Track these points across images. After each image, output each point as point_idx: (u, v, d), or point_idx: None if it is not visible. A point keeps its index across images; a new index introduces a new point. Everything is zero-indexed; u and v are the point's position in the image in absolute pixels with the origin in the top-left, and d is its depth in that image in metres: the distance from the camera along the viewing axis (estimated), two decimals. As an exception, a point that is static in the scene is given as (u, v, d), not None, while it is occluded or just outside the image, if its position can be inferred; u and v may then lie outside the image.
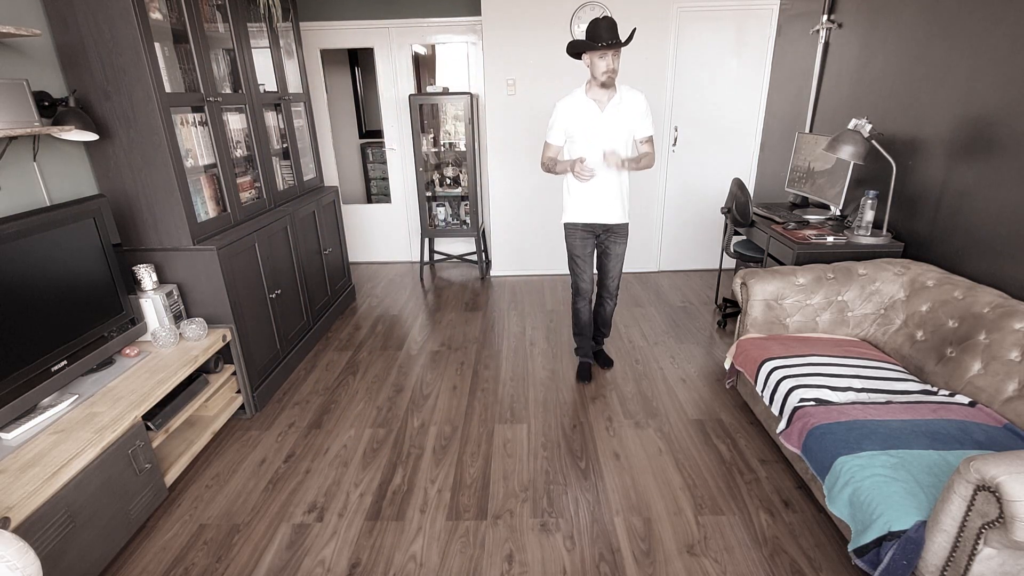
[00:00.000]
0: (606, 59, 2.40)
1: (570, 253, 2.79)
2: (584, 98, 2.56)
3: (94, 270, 2.08)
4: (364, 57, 5.54)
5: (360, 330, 3.64)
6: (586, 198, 2.67)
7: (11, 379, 1.73)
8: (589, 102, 2.55)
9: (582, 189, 2.66)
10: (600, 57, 2.41)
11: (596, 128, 2.56)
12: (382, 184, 5.80)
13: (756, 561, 1.79)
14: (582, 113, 2.56)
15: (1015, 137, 2.09)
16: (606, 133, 2.56)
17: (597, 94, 2.55)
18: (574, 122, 2.57)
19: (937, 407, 1.86)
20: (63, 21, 2.07)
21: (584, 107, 2.56)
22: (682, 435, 2.45)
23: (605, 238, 2.77)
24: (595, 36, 2.38)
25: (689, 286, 4.28)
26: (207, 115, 2.51)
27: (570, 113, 2.58)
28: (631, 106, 2.57)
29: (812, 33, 3.48)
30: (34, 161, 2.07)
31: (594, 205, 2.68)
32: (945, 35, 2.42)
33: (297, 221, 3.20)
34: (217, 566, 1.83)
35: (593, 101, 2.55)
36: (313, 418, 2.65)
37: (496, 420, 2.60)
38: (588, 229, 2.73)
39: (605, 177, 2.62)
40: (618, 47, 2.38)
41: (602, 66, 2.42)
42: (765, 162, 4.22)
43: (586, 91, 2.56)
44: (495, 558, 1.84)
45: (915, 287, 2.32)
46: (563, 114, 2.59)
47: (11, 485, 1.56)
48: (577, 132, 2.58)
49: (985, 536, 1.29)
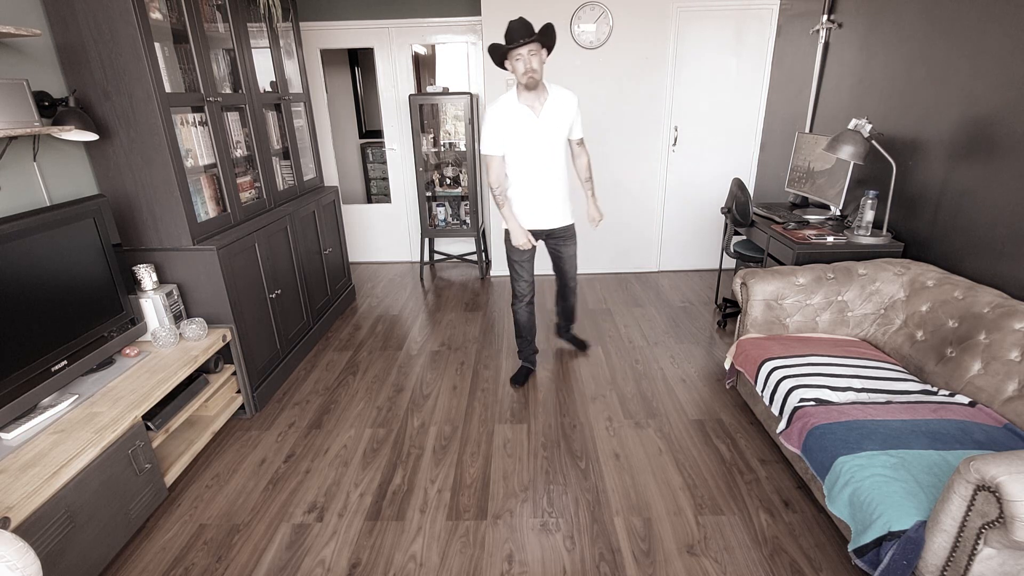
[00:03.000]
0: (523, 59, 2.28)
1: (509, 258, 2.71)
2: (517, 104, 2.42)
3: (94, 270, 2.08)
4: (364, 57, 5.55)
5: (360, 330, 3.64)
6: (528, 204, 2.60)
7: (11, 379, 1.73)
8: (522, 108, 2.42)
9: (523, 194, 2.57)
10: (516, 58, 2.29)
11: (533, 135, 2.45)
12: (382, 184, 5.80)
13: (756, 561, 1.79)
14: (517, 121, 2.43)
15: (1015, 137, 2.09)
16: (544, 140, 2.46)
17: (528, 98, 2.41)
18: (509, 131, 2.44)
19: (937, 407, 1.86)
20: (63, 21, 2.07)
21: (517, 114, 2.42)
22: (682, 435, 2.45)
23: (554, 243, 2.75)
24: (509, 38, 2.27)
25: (689, 286, 4.28)
26: (207, 115, 2.51)
27: (504, 121, 2.43)
28: (565, 106, 2.47)
29: (812, 33, 3.48)
30: (34, 161, 2.07)
31: (536, 210, 2.61)
32: (945, 35, 2.42)
33: (297, 221, 3.20)
34: (217, 566, 1.83)
35: (527, 107, 2.42)
36: (313, 418, 2.65)
37: (496, 420, 2.60)
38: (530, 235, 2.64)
39: (547, 181, 2.55)
40: (529, 44, 2.25)
41: (520, 67, 2.29)
42: (765, 162, 4.22)
43: (517, 97, 2.43)
44: (495, 558, 1.84)
45: (915, 287, 2.32)
46: (497, 122, 2.43)
47: (11, 485, 1.56)
48: (514, 141, 2.46)
49: (985, 536, 1.29)
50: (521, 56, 2.27)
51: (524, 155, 2.49)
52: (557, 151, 2.51)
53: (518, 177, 2.56)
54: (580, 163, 2.73)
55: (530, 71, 2.29)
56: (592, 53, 4.03)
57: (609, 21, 3.93)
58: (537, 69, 2.30)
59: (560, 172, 2.58)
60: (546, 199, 2.59)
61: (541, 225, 2.65)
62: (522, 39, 2.24)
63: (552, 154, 2.51)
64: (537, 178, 2.54)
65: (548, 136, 2.46)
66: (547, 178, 2.54)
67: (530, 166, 2.50)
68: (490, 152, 2.49)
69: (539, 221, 2.64)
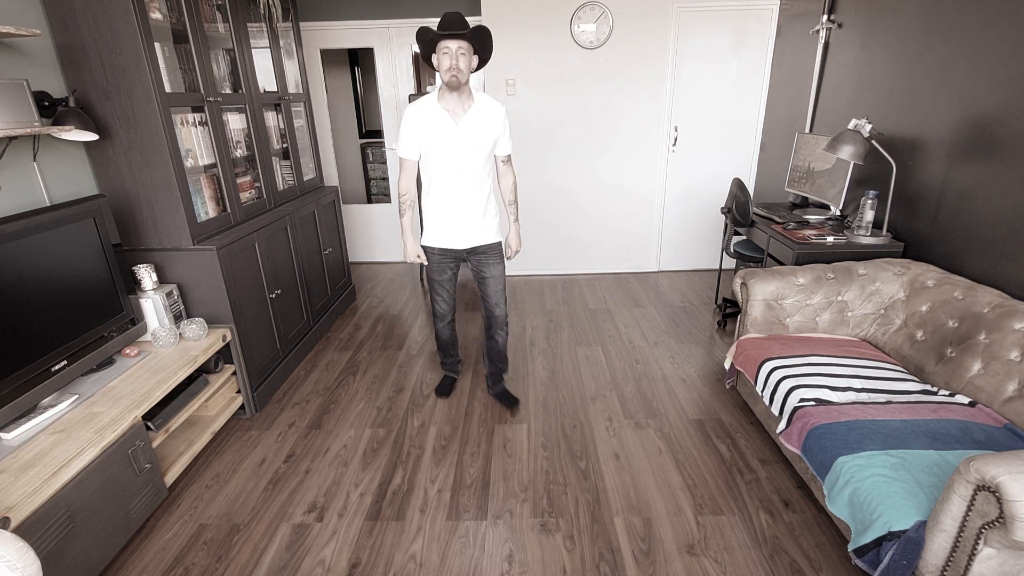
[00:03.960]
0: (450, 54, 2.08)
1: (429, 276, 2.54)
2: (435, 106, 2.20)
3: (94, 270, 2.08)
4: (364, 57, 5.55)
5: (360, 330, 3.64)
6: (443, 220, 2.37)
7: (11, 379, 1.73)
8: (440, 111, 2.20)
9: (438, 207, 2.36)
10: (443, 52, 2.10)
11: (450, 143, 2.23)
12: (382, 184, 5.80)
13: (756, 561, 1.79)
14: (433, 124, 2.21)
15: (1015, 137, 2.09)
16: (461, 150, 2.24)
17: (449, 102, 2.20)
18: (425, 134, 2.23)
19: (937, 407, 1.86)
20: (63, 21, 2.07)
21: (435, 117, 2.21)
22: (682, 435, 2.45)
23: (476, 261, 2.46)
24: (440, 27, 2.10)
25: (689, 286, 4.28)
26: (207, 115, 2.51)
27: (420, 123, 2.22)
28: (490, 119, 2.26)
29: (812, 33, 3.48)
30: (34, 161, 2.07)
31: (452, 228, 2.37)
32: (945, 35, 2.42)
33: (297, 221, 3.20)
34: (217, 566, 1.83)
35: (445, 111, 2.20)
36: (313, 418, 2.65)
37: (496, 420, 2.60)
38: (446, 254, 2.44)
39: (463, 195, 2.32)
40: (459, 40, 2.07)
41: (445, 63, 2.10)
42: (765, 162, 4.22)
43: (438, 98, 2.21)
44: (495, 558, 1.84)
45: (915, 287, 2.32)
46: (413, 123, 2.23)
47: (11, 485, 1.56)
48: (429, 146, 2.25)
49: (985, 536, 1.29)
50: (449, 51, 2.09)
51: (439, 163, 2.27)
52: (477, 164, 2.28)
53: (433, 187, 2.34)
54: (504, 183, 2.48)
55: (454, 69, 2.09)
56: (592, 53, 4.03)
57: (609, 21, 3.93)
58: (463, 70, 2.11)
59: (480, 187, 2.33)
60: (462, 215, 2.34)
61: (455, 244, 2.40)
62: (453, 31, 2.06)
63: (471, 166, 2.27)
64: (453, 191, 2.31)
65: (466, 146, 2.24)
66: (464, 192, 2.31)
67: (445, 176, 2.29)
68: (402, 155, 2.30)
69: (453, 239, 2.39)
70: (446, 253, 2.45)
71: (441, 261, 2.47)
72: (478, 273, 2.50)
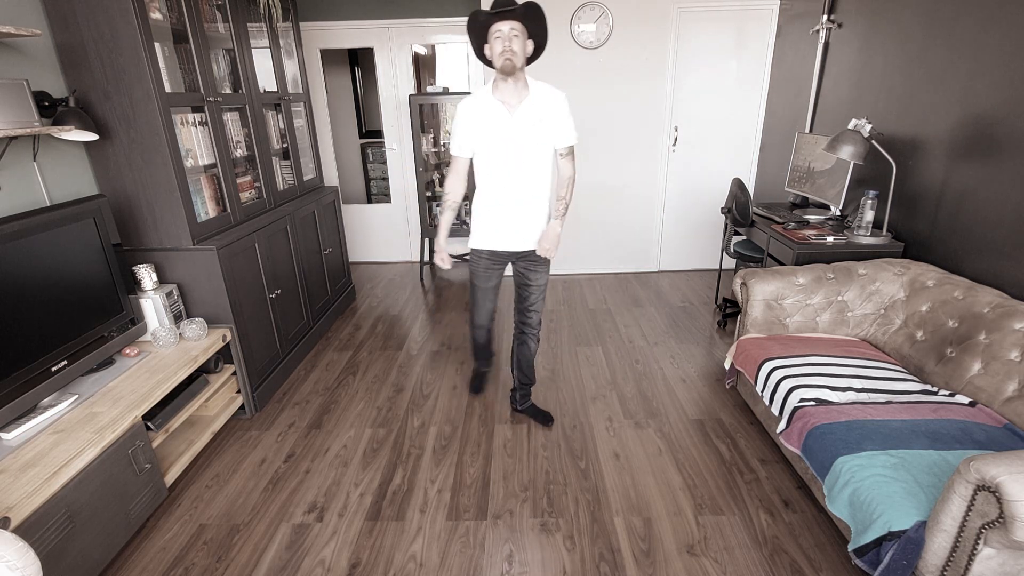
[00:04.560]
0: (502, 37, 1.93)
1: (472, 282, 2.37)
2: (490, 98, 2.06)
3: (94, 270, 2.08)
4: (364, 57, 5.54)
5: (360, 330, 3.64)
6: (496, 219, 2.20)
7: (11, 379, 1.73)
8: (494, 103, 2.05)
9: (489, 207, 2.20)
10: (495, 35, 1.94)
11: (505, 136, 2.07)
12: (382, 184, 5.80)
13: (756, 561, 1.79)
14: (487, 117, 2.07)
15: (1015, 137, 2.09)
16: (517, 143, 2.08)
17: (503, 92, 2.05)
18: (480, 128, 2.09)
19: (937, 407, 1.86)
20: (63, 21, 2.07)
21: (489, 109, 2.06)
22: (682, 435, 2.45)
23: (523, 267, 2.29)
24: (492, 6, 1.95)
25: (689, 286, 4.28)
26: (207, 115, 2.51)
27: (474, 117, 2.09)
28: (548, 108, 2.07)
29: (812, 33, 3.48)
30: (34, 161, 2.07)
31: (506, 229, 2.21)
32: (945, 35, 2.42)
33: (297, 221, 3.20)
34: (217, 566, 1.83)
35: (500, 102, 2.05)
36: (313, 418, 2.65)
37: (496, 420, 2.60)
38: (495, 258, 2.28)
39: (518, 193, 2.16)
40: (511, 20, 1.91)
41: (498, 47, 1.94)
42: (765, 162, 4.22)
43: (492, 90, 2.07)
44: (495, 558, 1.84)
45: (915, 287, 2.32)
46: (466, 118, 2.10)
47: (11, 485, 1.56)
48: (483, 141, 2.10)
49: (985, 536, 1.29)
50: (501, 33, 1.93)
51: (492, 159, 2.12)
52: (534, 159, 2.12)
53: (486, 185, 2.19)
54: (561, 176, 2.20)
55: (508, 51, 1.93)
56: (592, 53, 4.03)
57: (609, 21, 3.93)
58: (517, 52, 1.95)
59: (537, 185, 2.17)
60: (517, 213, 2.19)
61: (508, 246, 2.23)
62: (502, 9, 1.92)
63: (527, 161, 2.12)
64: (507, 187, 2.15)
65: (522, 139, 2.08)
66: (519, 190, 2.15)
67: (499, 172, 2.13)
68: (455, 152, 2.17)
69: (506, 240, 2.22)
70: (496, 257, 2.28)
71: (489, 267, 2.30)
72: (523, 278, 2.32)
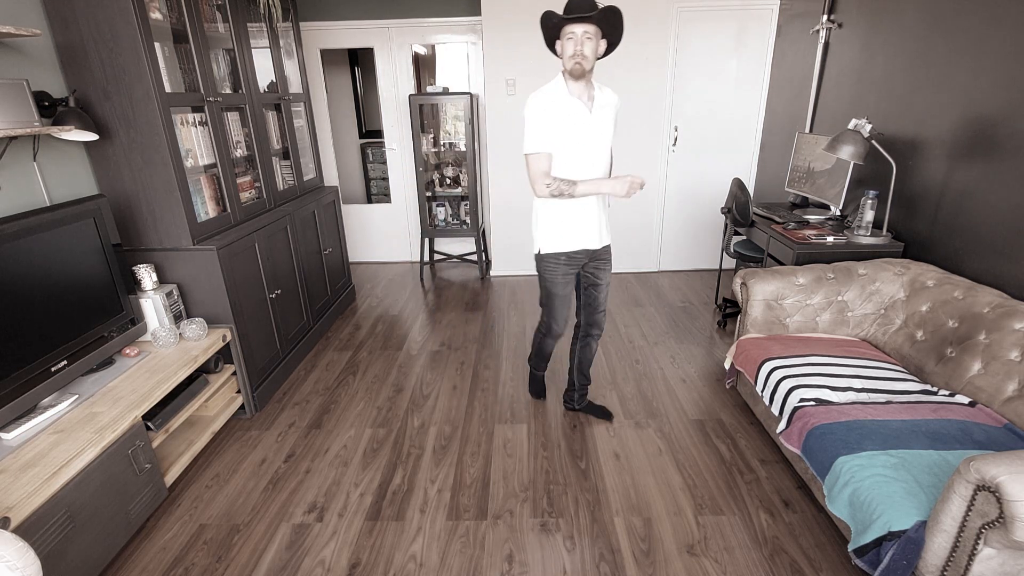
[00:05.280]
0: (575, 39, 1.92)
1: (549, 291, 2.29)
2: (567, 96, 2.02)
3: (94, 270, 2.08)
4: (364, 57, 5.54)
5: (360, 330, 3.64)
6: (577, 219, 2.16)
7: (11, 379, 1.73)
8: (574, 101, 2.03)
9: (569, 210, 2.15)
10: (568, 37, 1.93)
11: (585, 134, 2.05)
12: (382, 184, 5.80)
13: (756, 561, 1.79)
14: (568, 114, 2.02)
15: (1015, 137, 2.09)
16: (595, 140, 2.08)
17: (578, 90, 2.03)
18: (560, 125, 2.03)
19: (937, 407, 1.86)
20: (63, 21, 2.07)
21: (569, 107, 2.02)
22: (682, 435, 2.45)
23: (594, 267, 2.30)
24: (567, 9, 1.92)
25: (689, 286, 4.28)
26: (207, 115, 2.51)
27: (553, 113, 2.02)
28: (612, 107, 2.14)
29: (812, 33, 3.48)
30: (34, 161, 2.07)
31: (587, 226, 2.18)
32: (946, 35, 2.42)
33: (297, 221, 3.20)
34: (217, 566, 1.83)
35: (579, 100, 2.04)
36: (313, 418, 2.65)
37: (496, 420, 2.60)
38: (573, 260, 2.24)
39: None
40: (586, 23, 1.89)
41: (569, 49, 1.94)
42: (765, 162, 4.22)
43: (566, 87, 2.04)
44: (495, 558, 1.84)
45: (915, 287, 2.32)
46: (546, 113, 2.02)
47: (11, 485, 1.56)
48: (563, 139, 2.05)
49: (985, 536, 1.29)
50: (574, 35, 1.91)
51: (573, 157, 2.07)
52: (606, 156, 2.14)
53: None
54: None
55: (579, 56, 1.92)
56: (592, 53, 4.03)
57: (609, 21, 3.93)
58: (588, 56, 1.93)
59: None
60: (597, 211, 2.18)
61: (590, 243, 2.21)
62: (580, 15, 1.88)
63: (604, 157, 2.14)
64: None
65: (600, 136, 2.09)
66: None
67: (581, 171, 2.10)
68: (538, 149, 2.05)
69: (588, 238, 2.20)
70: (574, 260, 2.23)
71: (567, 272, 2.25)
72: (593, 279, 2.32)
